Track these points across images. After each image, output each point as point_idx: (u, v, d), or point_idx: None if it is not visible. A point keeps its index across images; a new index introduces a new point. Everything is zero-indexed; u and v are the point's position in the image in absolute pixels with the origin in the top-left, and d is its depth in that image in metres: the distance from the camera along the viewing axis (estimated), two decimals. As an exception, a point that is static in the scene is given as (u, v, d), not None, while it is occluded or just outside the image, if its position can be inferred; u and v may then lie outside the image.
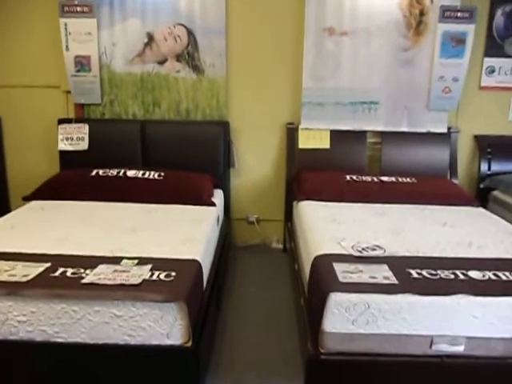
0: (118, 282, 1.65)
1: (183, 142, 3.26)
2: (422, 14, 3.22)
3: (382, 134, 3.38)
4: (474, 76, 3.39)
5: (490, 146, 3.45)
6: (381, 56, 3.28)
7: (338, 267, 1.80)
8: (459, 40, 3.22)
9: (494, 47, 3.35)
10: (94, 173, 2.96)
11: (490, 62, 3.39)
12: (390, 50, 3.28)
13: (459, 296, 1.64)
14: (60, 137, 3.25)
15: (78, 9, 3.16)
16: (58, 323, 1.62)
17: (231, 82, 3.38)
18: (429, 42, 3.25)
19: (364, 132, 3.38)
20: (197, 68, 3.32)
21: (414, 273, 1.78)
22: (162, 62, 3.32)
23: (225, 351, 2.19)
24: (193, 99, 3.36)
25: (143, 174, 2.95)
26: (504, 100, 3.45)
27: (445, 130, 3.39)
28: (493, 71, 3.40)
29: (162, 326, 1.61)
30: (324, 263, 1.87)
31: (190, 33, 3.26)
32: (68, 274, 1.72)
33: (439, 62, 3.26)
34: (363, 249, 2.02)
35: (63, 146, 3.25)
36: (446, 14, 3.18)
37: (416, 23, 3.24)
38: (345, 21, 3.21)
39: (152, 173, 2.98)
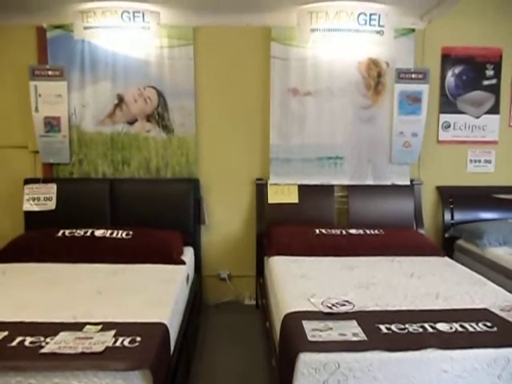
0: (80, 350, 1.58)
1: (153, 200, 3.26)
2: (379, 75, 3.44)
3: (349, 188, 3.48)
4: (432, 131, 3.59)
5: (451, 197, 3.59)
6: (344, 114, 3.45)
7: (308, 325, 1.78)
8: (415, 98, 3.44)
9: (447, 104, 3.59)
10: (60, 233, 2.90)
11: (445, 117, 3.60)
12: (352, 108, 3.45)
13: (428, 350, 1.64)
14: (26, 197, 3.20)
15: (50, 73, 3.24)
16: (12, 398, 1.52)
17: (200, 140, 3.46)
18: (387, 100, 3.45)
19: (331, 186, 3.47)
20: (166, 127, 3.39)
21: (383, 328, 1.78)
22: (131, 122, 3.38)
23: (195, 420, 2.09)
24: (163, 157, 3.40)
25: (111, 234, 2.91)
26: (461, 153, 3.64)
27: (408, 182, 3.53)
28: (448, 126, 3.61)
29: (125, 396, 1.54)
30: (294, 321, 1.85)
31: (159, 94, 3.36)
32: (26, 343, 1.64)
33: (398, 119, 3.45)
34: (333, 305, 2.01)
35: (29, 206, 3.19)
36: (402, 75, 3.40)
37: (375, 84, 3.45)
38: (308, 82, 3.39)
39: (120, 232, 2.93)
